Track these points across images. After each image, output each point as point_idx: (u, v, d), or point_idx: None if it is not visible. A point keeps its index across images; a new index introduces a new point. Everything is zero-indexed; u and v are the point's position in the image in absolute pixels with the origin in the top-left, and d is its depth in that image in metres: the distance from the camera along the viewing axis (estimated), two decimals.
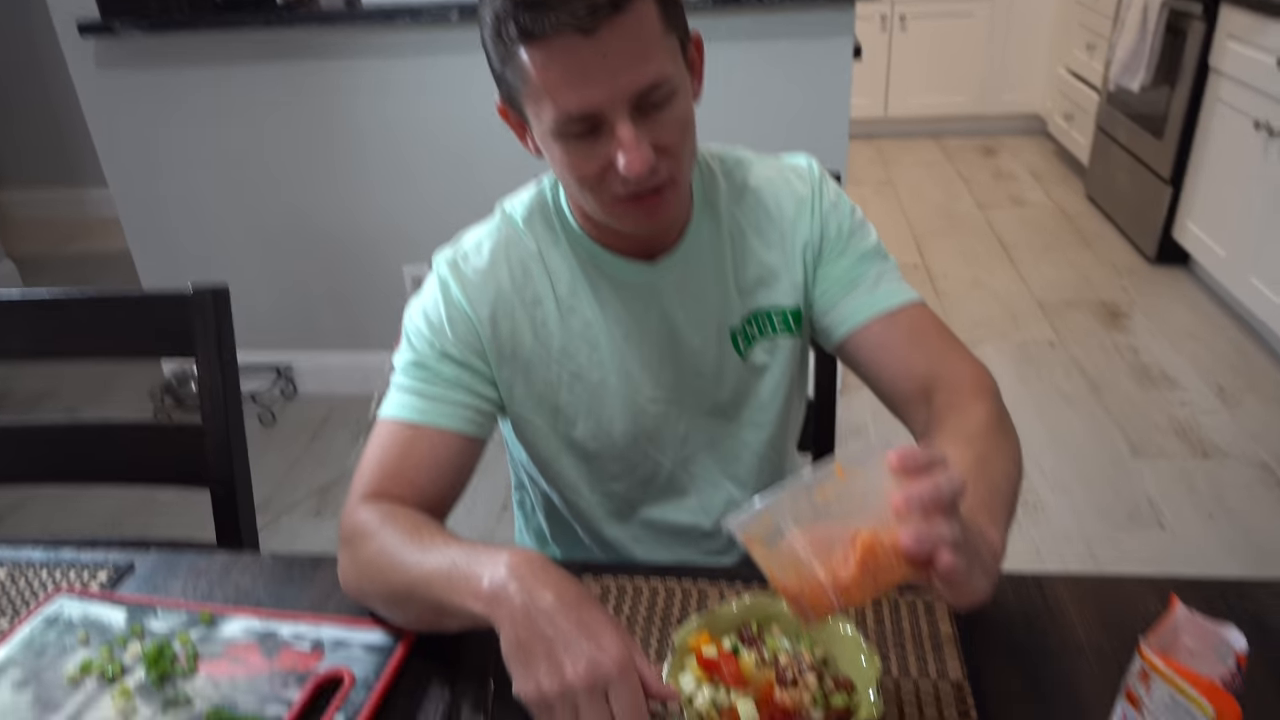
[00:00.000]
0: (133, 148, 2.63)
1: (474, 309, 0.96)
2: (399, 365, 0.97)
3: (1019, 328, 3.14)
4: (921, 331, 0.99)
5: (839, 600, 0.63)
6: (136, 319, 1.21)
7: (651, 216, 0.88)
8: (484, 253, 0.98)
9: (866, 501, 0.61)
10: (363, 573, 0.87)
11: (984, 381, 0.95)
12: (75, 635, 0.90)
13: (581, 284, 0.98)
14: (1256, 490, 2.31)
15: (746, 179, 1.03)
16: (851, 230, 1.02)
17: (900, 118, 5.09)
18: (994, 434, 0.89)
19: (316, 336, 2.89)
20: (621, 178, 0.83)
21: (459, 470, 0.95)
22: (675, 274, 0.99)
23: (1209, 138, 3.12)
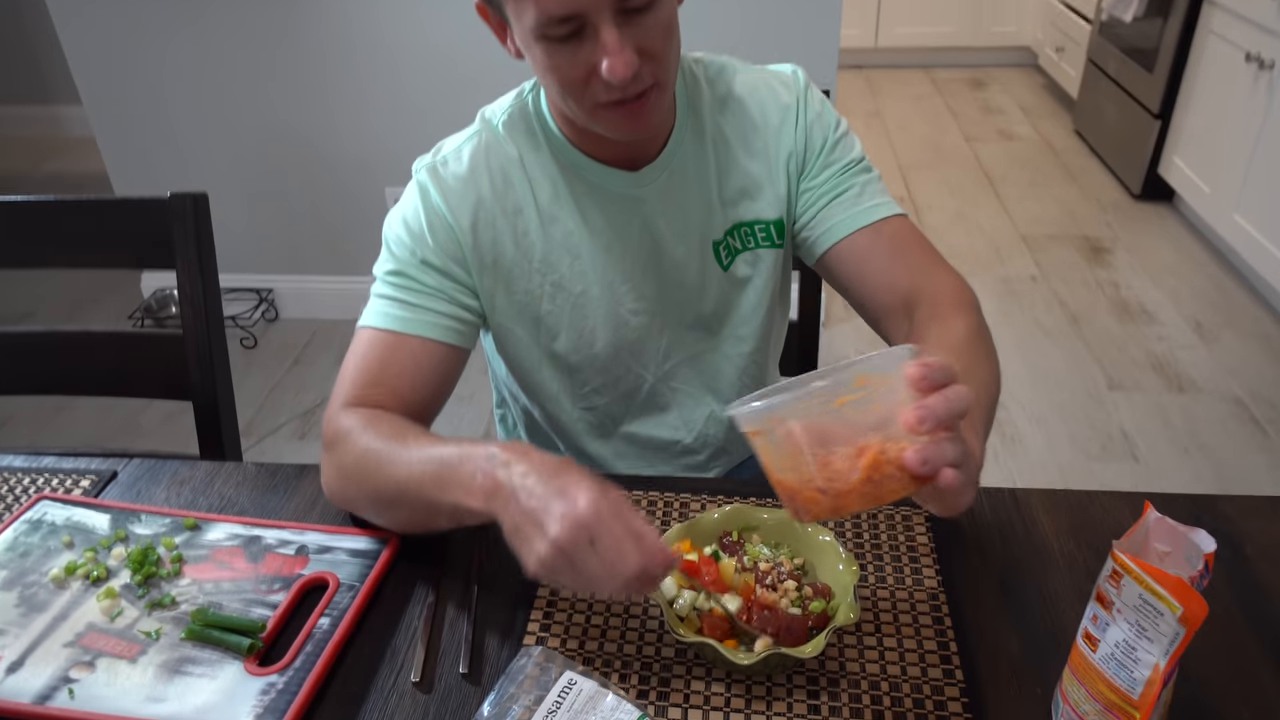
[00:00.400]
0: (106, 63, 2.55)
1: (454, 216, 0.95)
2: (379, 273, 0.96)
3: (1002, 262, 3.15)
4: (904, 245, 0.99)
5: (835, 506, 0.63)
6: (115, 226, 1.19)
7: (636, 122, 0.87)
8: (464, 159, 0.96)
9: (880, 412, 0.60)
10: (348, 477, 0.87)
11: (965, 295, 0.96)
12: (59, 538, 0.90)
13: (563, 192, 0.97)
14: (1230, 425, 2.35)
15: (731, 86, 1.01)
16: (836, 141, 1.01)
17: (890, 48, 5.02)
18: (975, 346, 0.89)
19: (298, 260, 2.86)
20: (605, 82, 0.82)
21: (442, 379, 0.95)
22: (658, 183, 0.98)
23: (1200, 71, 3.10)
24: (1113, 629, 0.63)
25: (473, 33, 2.39)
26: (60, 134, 4.45)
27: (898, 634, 0.80)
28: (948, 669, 0.76)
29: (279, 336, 2.85)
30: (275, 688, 0.74)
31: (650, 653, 0.79)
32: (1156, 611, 0.60)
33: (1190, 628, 0.59)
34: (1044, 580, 0.85)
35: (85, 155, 4.15)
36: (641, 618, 0.82)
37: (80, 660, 0.77)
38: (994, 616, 0.81)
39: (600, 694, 0.72)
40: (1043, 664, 0.76)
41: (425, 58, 2.46)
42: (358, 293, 2.85)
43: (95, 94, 2.60)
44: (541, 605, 0.83)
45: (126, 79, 2.57)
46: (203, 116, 2.61)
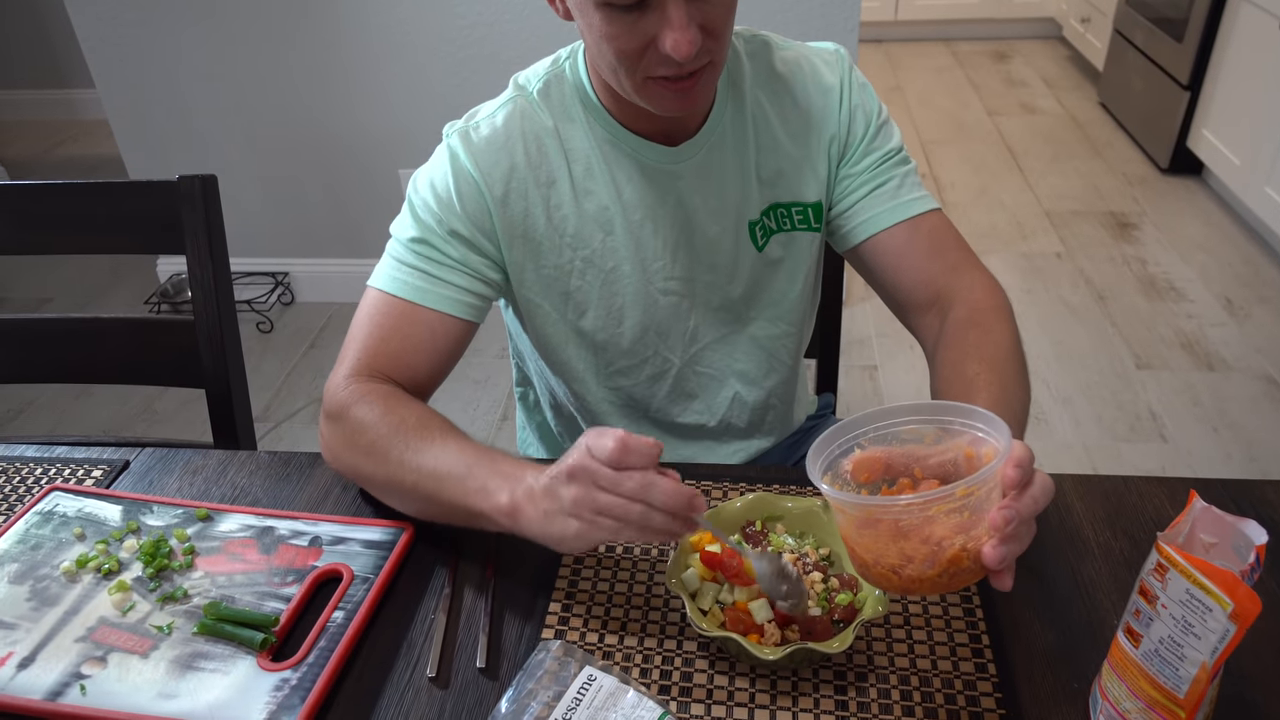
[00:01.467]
0: (120, 46, 2.53)
1: (486, 184, 0.92)
2: (399, 235, 0.94)
3: (1026, 238, 3.09)
4: (941, 241, 0.98)
5: (905, 588, 0.64)
6: (124, 210, 1.17)
7: (685, 99, 0.84)
8: (498, 124, 0.93)
9: (970, 516, 0.62)
10: (364, 456, 0.85)
11: (1002, 300, 0.95)
12: (71, 530, 0.89)
13: (598, 165, 0.94)
14: (1261, 404, 2.29)
15: (773, 62, 0.98)
16: (878, 129, 0.99)
17: (910, 20, 4.93)
18: (1014, 359, 0.89)
19: (314, 244, 2.84)
20: (664, 57, 0.79)
21: (451, 353, 0.94)
22: (696, 159, 0.95)
23: (1230, 40, 3.01)
24: (1157, 624, 0.60)
25: (488, 12, 2.35)
26: (74, 117, 4.45)
27: (927, 626, 0.77)
28: (980, 662, 0.74)
29: (295, 320, 2.84)
30: (289, 684, 0.73)
31: (672, 646, 0.76)
32: (1205, 607, 0.57)
33: (1242, 625, 0.56)
34: (1079, 569, 0.82)
35: (99, 139, 4.15)
36: (663, 610, 0.80)
37: (92, 655, 0.76)
38: (1027, 607, 0.79)
39: (621, 690, 0.70)
40: (1079, 657, 0.74)
41: (439, 37, 2.42)
42: None
43: (109, 77, 2.58)
44: (560, 597, 0.81)
45: (140, 62, 2.55)
46: (217, 99, 2.59)
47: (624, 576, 0.83)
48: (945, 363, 0.89)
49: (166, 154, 2.69)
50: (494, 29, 2.37)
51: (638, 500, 0.68)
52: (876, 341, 2.58)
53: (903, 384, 2.41)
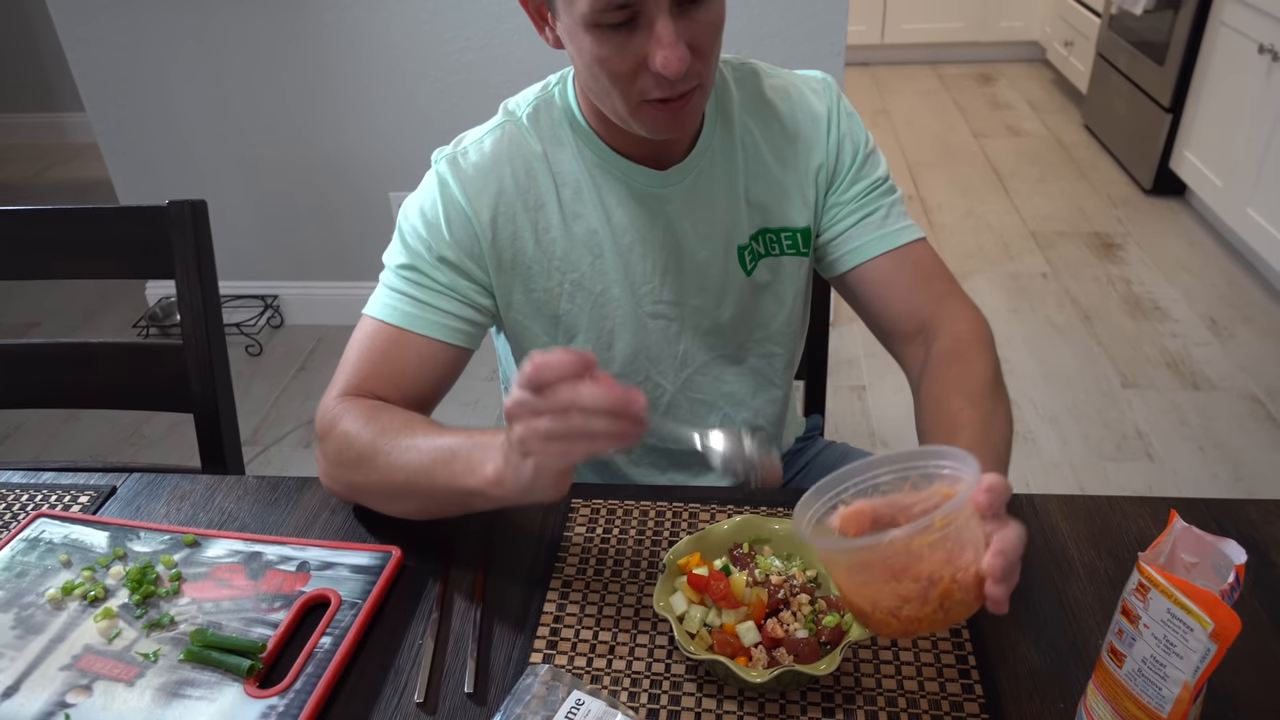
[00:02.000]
0: (110, 71, 2.53)
1: (473, 209, 0.92)
2: (390, 263, 0.95)
3: (1012, 259, 3.11)
4: (926, 272, 0.99)
5: (905, 629, 0.64)
6: (113, 235, 1.18)
7: (676, 121, 0.85)
8: (485, 150, 0.94)
9: (951, 546, 0.62)
10: (354, 467, 0.85)
11: (984, 332, 0.96)
12: (56, 557, 0.88)
13: (587, 189, 0.95)
14: (1246, 423, 2.31)
15: (762, 89, 0.99)
16: (865, 158, 1.00)
17: (896, 44, 4.98)
18: (995, 391, 0.90)
19: (303, 267, 2.84)
20: (655, 77, 0.80)
21: (443, 378, 0.94)
22: (685, 184, 0.96)
23: (1211, 63, 3.06)
24: (1140, 644, 0.61)
25: (477, 38, 2.37)
26: (65, 140, 4.45)
27: (914, 647, 0.77)
28: (967, 683, 0.74)
29: (284, 343, 2.83)
30: (275, 711, 0.72)
31: (660, 670, 0.76)
32: (1186, 627, 0.57)
33: (1222, 644, 0.56)
34: (1064, 589, 0.83)
35: (89, 162, 4.15)
36: (651, 633, 0.80)
37: (77, 684, 0.75)
38: (1013, 628, 0.79)
39: (609, 714, 0.70)
40: (1065, 676, 0.74)
41: (429, 63, 2.44)
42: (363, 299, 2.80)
43: (99, 101, 2.59)
44: (548, 621, 0.81)
45: (130, 86, 2.56)
46: (207, 123, 2.60)
47: (611, 600, 0.83)
48: (930, 397, 0.91)
49: (156, 177, 2.70)
50: (483, 54, 2.39)
51: (572, 410, 0.65)
52: (865, 362, 2.59)
53: (890, 404, 2.42)
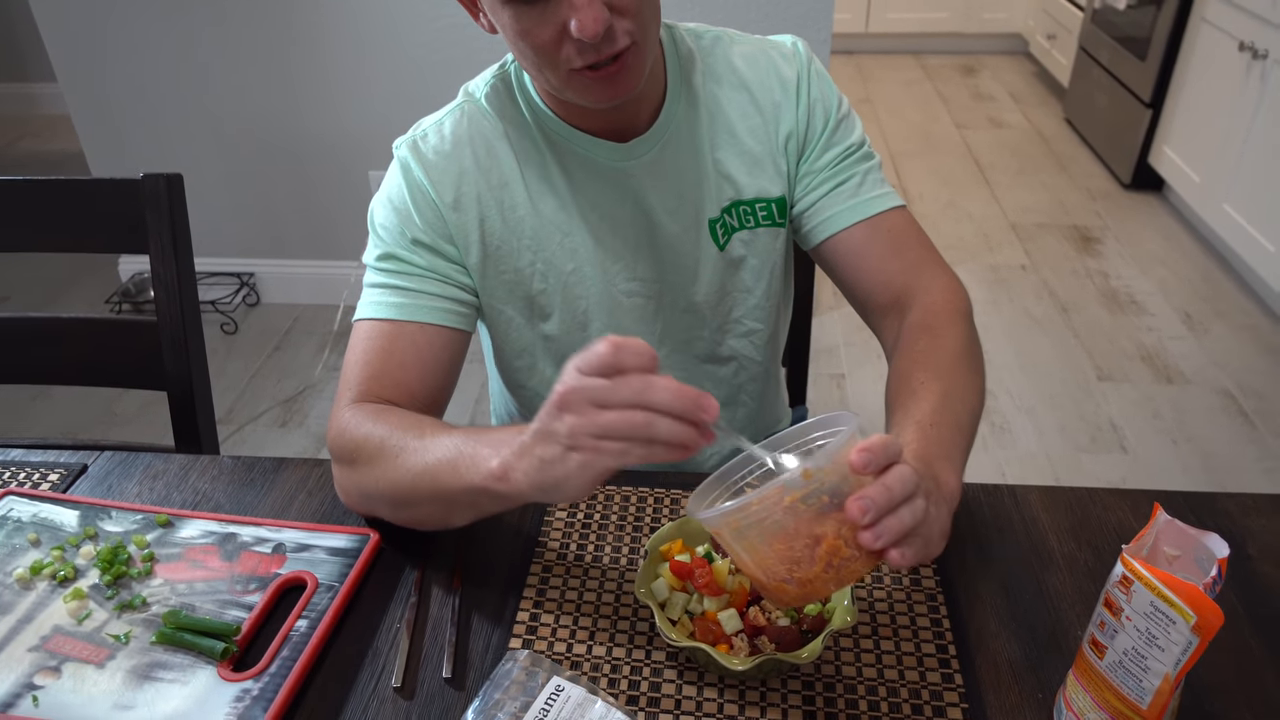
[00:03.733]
0: (82, 41, 2.48)
1: (437, 191, 0.91)
2: (369, 261, 0.92)
3: (992, 250, 3.13)
4: (902, 241, 0.96)
5: (803, 594, 0.64)
6: (86, 208, 1.15)
7: (613, 87, 0.82)
8: (446, 132, 0.92)
9: (828, 501, 0.61)
10: (362, 477, 0.82)
11: (959, 302, 0.93)
12: (25, 536, 0.86)
13: (551, 167, 0.93)
14: (1219, 417, 2.34)
15: (729, 56, 0.97)
16: (838, 122, 0.97)
17: (881, 33, 4.98)
18: (963, 363, 0.87)
19: (280, 244, 2.80)
20: (577, 43, 0.78)
21: (447, 365, 0.91)
22: (649, 156, 0.94)
23: (1192, 60, 3.08)
24: (1121, 636, 0.61)
25: (458, 13, 2.34)
26: (36, 112, 4.37)
27: (895, 637, 0.77)
28: (946, 673, 0.74)
29: (260, 322, 2.80)
30: (250, 694, 0.71)
31: (640, 657, 0.76)
32: (1168, 620, 0.57)
33: (1204, 637, 0.57)
34: (1044, 580, 0.83)
35: (62, 134, 4.07)
36: (632, 619, 0.79)
37: (46, 665, 0.74)
38: (993, 618, 0.79)
39: (589, 700, 0.69)
40: (1044, 667, 0.74)
41: (410, 39, 2.41)
42: (340, 277, 2.82)
43: (71, 72, 2.54)
44: (528, 606, 0.81)
45: (104, 57, 2.50)
46: (182, 96, 2.55)
47: (592, 585, 0.83)
48: (895, 371, 0.89)
49: (130, 150, 2.65)
50: (464, 31, 2.36)
51: (638, 407, 0.60)
52: (844, 350, 2.60)
53: (870, 392, 2.43)
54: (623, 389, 0.61)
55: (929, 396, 0.82)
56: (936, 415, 0.79)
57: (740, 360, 1.07)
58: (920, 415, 0.79)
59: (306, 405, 2.42)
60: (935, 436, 0.77)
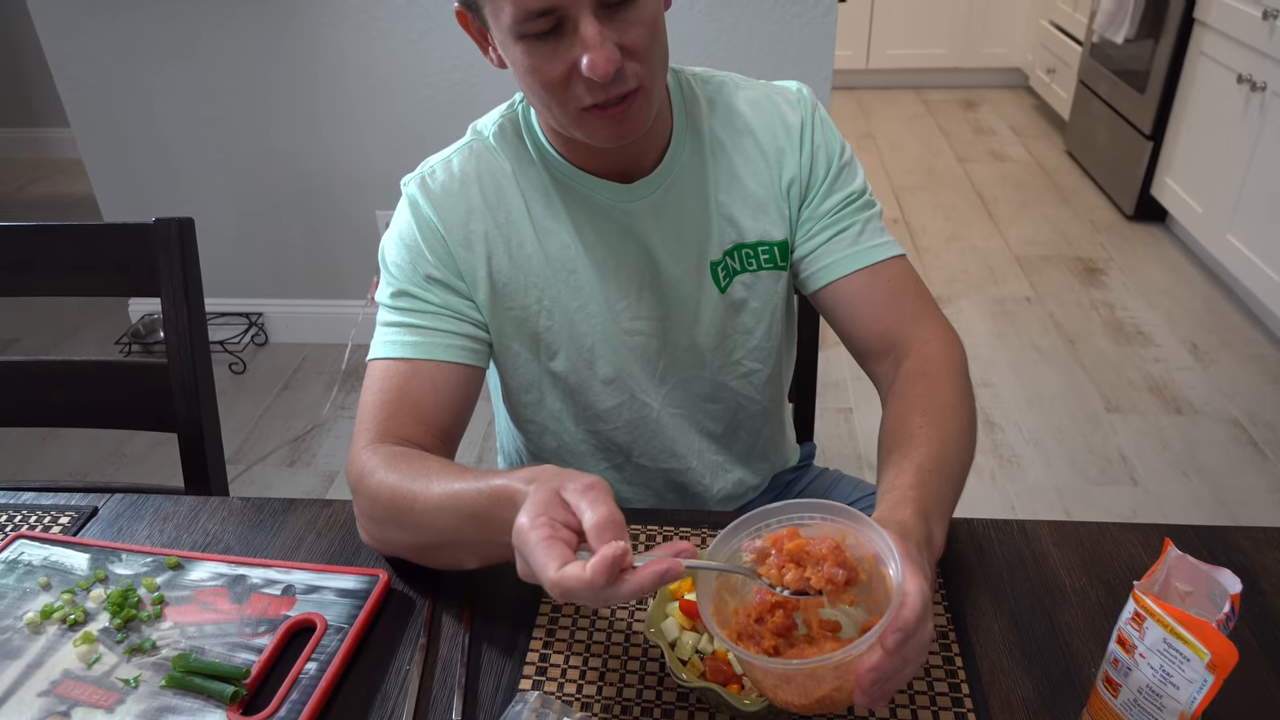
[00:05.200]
0: (95, 86, 2.52)
1: (446, 228, 0.92)
2: (382, 298, 0.93)
3: (997, 283, 3.14)
4: (900, 291, 0.97)
5: (782, 703, 0.66)
6: (99, 252, 1.16)
7: (620, 127, 0.84)
8: (454, 170, 0.94)
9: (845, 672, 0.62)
10: (382, 523, 0.83)
11: (955, 356, 0.94)
12: (36, 580, 0.87)
13: (557, 205, 0.94)
14: (1229, 448, 2.33)
15: (734, 102, 0.98)
16: (840, 170, 0.99)
17: (882, 69, 5.03)
18: (959, 414, 0.88)
19: (288, 284, 2.82)
20: (587, 82, 0.79)
21: (462, 402, 0.92)
22: (653, 198, 0.95)
23: (1191, 92, 3.10)
24: (1135, 674, 0.61)
25: (466, 57, 2.38)
26: (48, 155, 4.42)
27: None
28: (960, 712, 0.74)
29: (268, 361, 2.81)
30: None
31: (651, 697, 0.75)
32: (1183, 657, 0.57)
33: (1219, 674, 0.56)
34: (1056, 616, 0.82)
35: (73, 177, 4.12)
36: (641, 659, 0.79)
37: (55, 710, 0.74)
38: (1006, 656, 0.79)
39: None
40: (1059, 705, 0.74)
41: (417, 81, 2.44)
42: (348, 316, 2.84)
43: (83, 117, 2.57)
44: (538, 646, 0.80)
45: (116, 102, 2.54)
46: (193, 140, 2.59)
47: (602, 625, 0.82)
48: (892, 414, 0.90)
49: (141, 192, 2.68)
50: (471, 73, 2.40)
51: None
52: (851, 384, 2.60)
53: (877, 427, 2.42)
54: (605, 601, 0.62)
55: (927, 442, 0.83)
56: (935, 462, 0.81)
57: (740, 399, 1.07)
58: (920, 460, 0.80)
59: (315, 444, 2.43)
60: (933, 487, 0.78)
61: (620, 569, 0.60)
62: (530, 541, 0.63)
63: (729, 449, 1.10)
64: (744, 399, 1.07)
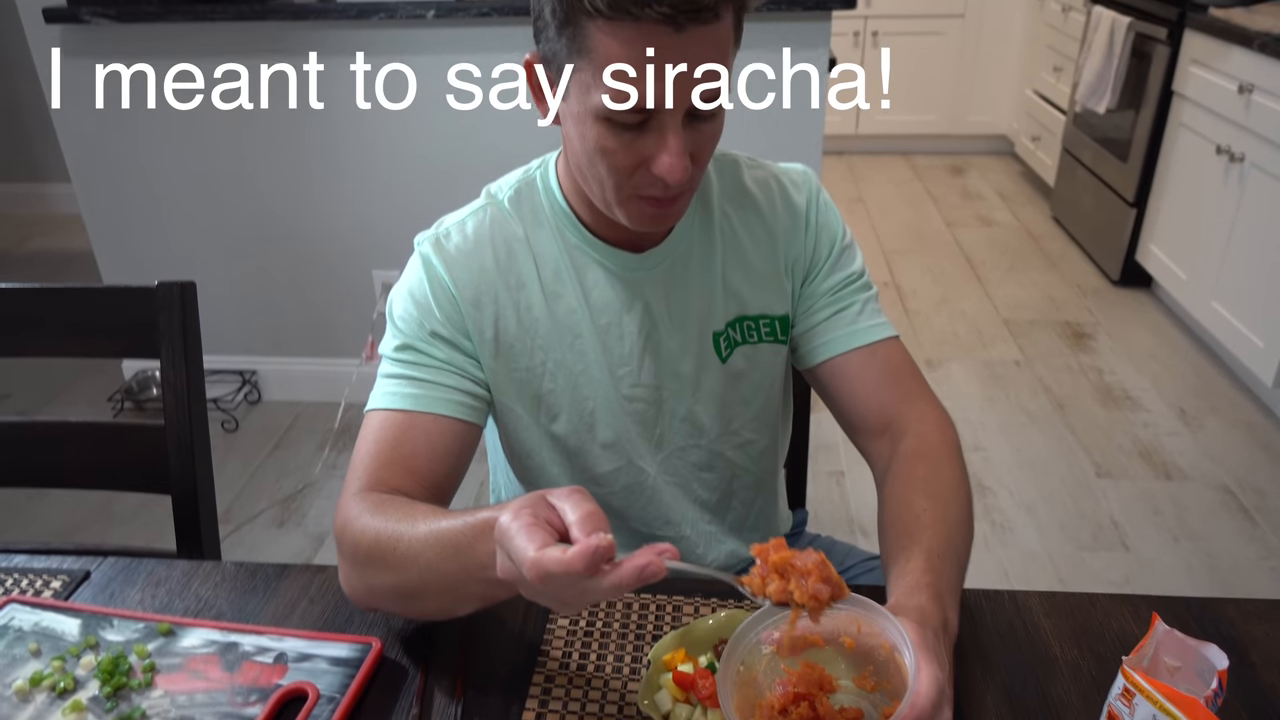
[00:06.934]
0: (97, 142, 2.56)
1: (457, 287, 0.94)
2: (386, 351, 0.95)
3: (985, 346, 3.17)
4: (896, 371, 1.01)
5: None
6: (100, 314, 1.18)
7: (662, 218, 0.88)
8: (468, 231, 0.96)
9: None
10: (364, 569, 0.83)
11: (951, 436, 0.97)
12: (26, 645, 0.86)
13: (566, 270, 0.97)
14: (1219, 514, 2.34)
15: (742, 180, 1.02)
16: (841, 251, 1.03)
17: (871, 134, 5.14)
18: (960, 496, 0.91)
19: (283, 342, 2.84)
20: (654, 179, 0.82)
21: (457, 457, 0.93)
22: (661, 268, 0.98)
23: (1172, 161, 3.18)
24: None
25: (462, 128, 2.43)
26: (46, 211, 4.46)
27: None
28: None
29: (261, 420, 2.81)
30: None
31: None
32: None
33: None
34: (1048, 688, 0.82)
35: (72, 233, 4.15)
36: None
37: None
38: None
39: None
40: None
41: (414, 151, 2.49)
42: (341, 375, 2.85)
43: (85, 174, 2.61)
44: (531, 716, 0.80)
45: (115, 158, 2.58)
46: (190, 197, 2.63)
47: (595, 696, 0.82)
48: (893, 495, 0.91)
49: (138, 249, 2.71)
50: (468, 143, 2.45)
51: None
52: (843, 448, 2.60)
53: (869, 491, 2.41)
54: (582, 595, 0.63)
55: (933, 525, 0.85)
56: (943, 546, 0.83)
57: (735, 469, 1.09)
58: (929, 544, 0.82)
59: (305, 504, 2.42)
60: (944, 571, 0.80)
61: (602, 560, 0.60)
62: (511, 530, 0.63)
63: (722, 519, 1.11)
64: (739, 469, 1.08)
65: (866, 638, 0.67)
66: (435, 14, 2.30)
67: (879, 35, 4.86)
